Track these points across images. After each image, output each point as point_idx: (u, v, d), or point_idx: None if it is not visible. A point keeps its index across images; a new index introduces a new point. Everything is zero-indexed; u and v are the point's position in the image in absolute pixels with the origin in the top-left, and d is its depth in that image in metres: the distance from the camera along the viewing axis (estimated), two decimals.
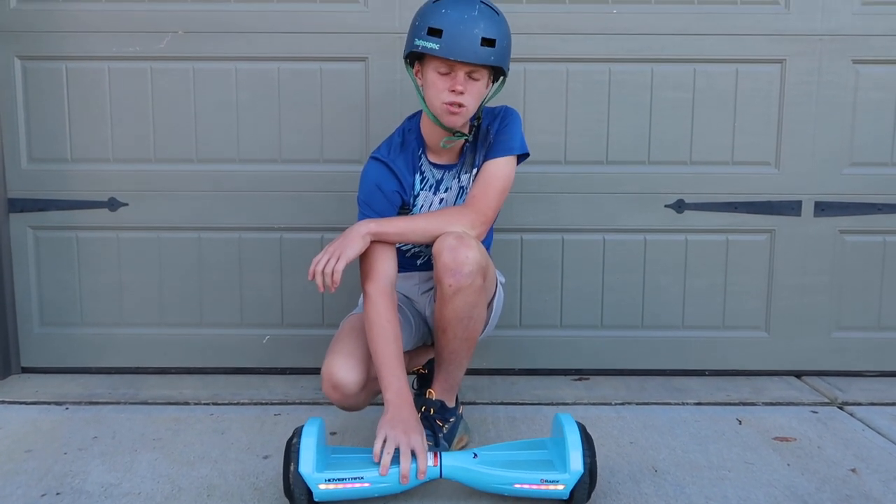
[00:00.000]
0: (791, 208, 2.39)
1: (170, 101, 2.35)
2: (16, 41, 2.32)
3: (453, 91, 1.68)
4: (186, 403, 2.20)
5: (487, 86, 1.76)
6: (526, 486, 1.52)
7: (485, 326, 1.82)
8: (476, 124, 1.84)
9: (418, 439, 1.56)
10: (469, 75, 1.69)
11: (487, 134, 1.83)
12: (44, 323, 2.45)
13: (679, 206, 2.40)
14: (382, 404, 1.64)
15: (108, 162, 2.38)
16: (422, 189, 1.86)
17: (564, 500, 1.55)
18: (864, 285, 2.43)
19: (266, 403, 2.20)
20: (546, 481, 1.51)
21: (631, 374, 2.46)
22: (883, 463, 1.80)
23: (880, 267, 2.42)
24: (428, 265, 1.98)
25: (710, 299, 2.44)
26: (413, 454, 1.53)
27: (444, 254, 1.65)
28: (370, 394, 1.81)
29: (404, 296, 1.97)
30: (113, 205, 2.39)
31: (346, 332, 1.82)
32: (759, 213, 2.40)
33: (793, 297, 2.43)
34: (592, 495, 1.56)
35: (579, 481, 1.51)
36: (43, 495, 1.62)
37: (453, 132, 1.76)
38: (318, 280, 1.65)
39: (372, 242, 1.72)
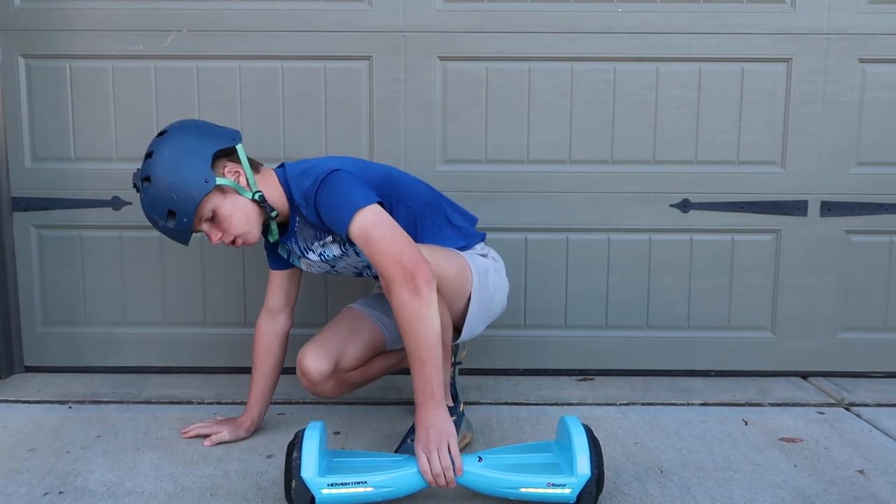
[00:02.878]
0: (797, 208, 2.38)
1: (173, 100, 2.35)
2: (20, 40, 2.32)
3: (216, 242, 1.72)
4: (190, 403, 2.19)
5: (234, 191, 1.69)
6: (532, 490, 1.50)
7: (463, 322, 1.77)
8: (285, 187, 1.77)
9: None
10: (203, 221, 1.69)
11: (309, 215, 1.71)
12: (47, 322, 2.45)
13: (684, 206, 2.39)
14: (381, 404, 1.61)
15: (112, 161, 2.37)
16: (290, 258, 1.93)
17: None
18: (870, 286, 2.42)
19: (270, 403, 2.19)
20: (553, 485, 1.48)
21: (636, 375, 2.45)
22: (891, 464, 1.78)
23: (887, 267, 2.41)
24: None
25: (715, 299, 2.43)
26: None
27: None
28: (342, 384, 1.90)
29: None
30: (116, 203, 2.39)
31: (330, 324, 1.97)
32: (765, 213, 2.38)
33: (799, 297, 2.42)
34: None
35: (586, 485, 1.48)
36: (45, 494, 1.61)
37: (266, 227, 1.79)
38: (442, 482, 1.49)
39: (271, 279, 1.95)
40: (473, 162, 2.36)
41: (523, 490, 1.50)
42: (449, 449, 1.50)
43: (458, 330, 1.79)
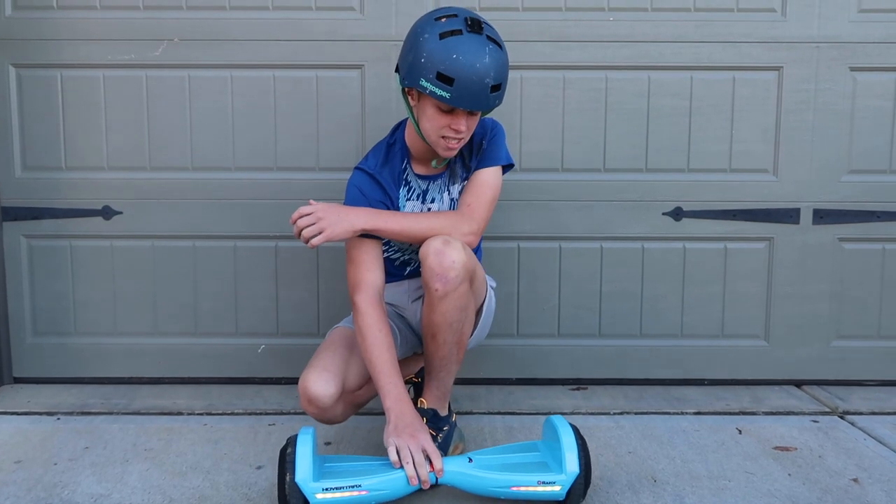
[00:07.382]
0: (789, 216, 2.38)
1: (165, 109, 2.34)
2: (10, 49, 2.31)
3: (455, 129, 1.67)
4: (180, 413, 2.17)
5: None
6: (522, 489, 1.53)
7: (474, 331, 1.80)
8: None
9: (427, 438, 1.57)
10: (470, 113, 1.68)
11: (480, 146, 1.83)
12: (37, 332, 2.43)
13: (677, 214, 2.38)
14: (372, 414, 1.62)
15: (103, 170, 2.36)
16: (408, 200, 1.85)
17: (560, 501, 1.55)
18: (863, 293, 2.41)
19: (260, 413, 2.18)
20: (543, 482, 1.52)
21: (629, 384, 2.44)
22: (885, 472, 1.77)
23: (880, 275, 2.41)
24: (417, 272, 1.96)
25: (708, 308, 2.42)
26: (427, 455, 1.53)
27: (431, 258, 1.63)
28: (350, 406, 1.80)
29: (390, 305, 1.96)
30: (107, 213, 2.37)
31: (325, 346, 1.83)
32: (758, 221, 2.38)
33: (792, 305, 2.41)
34: None
35: (575, 482, 1.52)
36: None
37: None
38: (295, 231, 1.71)
39: (362, 252, 1.74)
40: None
41: (514, 489, 1.53)
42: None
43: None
